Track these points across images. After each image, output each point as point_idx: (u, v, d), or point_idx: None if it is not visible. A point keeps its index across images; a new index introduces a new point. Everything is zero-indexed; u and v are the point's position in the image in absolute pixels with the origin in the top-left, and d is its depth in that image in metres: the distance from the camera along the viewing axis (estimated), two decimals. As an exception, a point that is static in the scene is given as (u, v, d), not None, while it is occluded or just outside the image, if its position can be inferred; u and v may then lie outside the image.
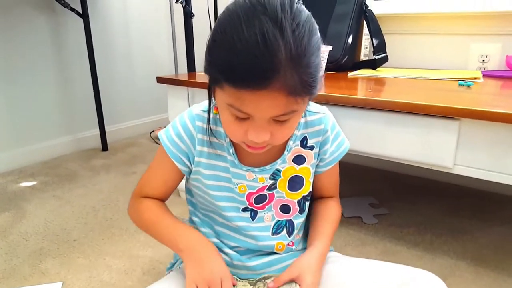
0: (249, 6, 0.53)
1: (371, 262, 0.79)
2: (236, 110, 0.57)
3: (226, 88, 0.56)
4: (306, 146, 0.76)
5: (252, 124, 0.58)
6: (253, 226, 0.78)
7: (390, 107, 0.96)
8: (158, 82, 1.44)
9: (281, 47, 0.51)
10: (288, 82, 0.52)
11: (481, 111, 0.84)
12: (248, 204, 0.77)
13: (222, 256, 0.79)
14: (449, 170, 0.95)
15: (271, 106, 0.55)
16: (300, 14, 0.54)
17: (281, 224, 0.80)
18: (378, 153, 1.04)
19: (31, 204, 1.56)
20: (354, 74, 1.42)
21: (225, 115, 0.61)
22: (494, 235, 1.31)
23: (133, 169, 1.95)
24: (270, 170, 0.75)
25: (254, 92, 0.53)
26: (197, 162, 0.75)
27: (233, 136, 0.64)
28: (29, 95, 1.98)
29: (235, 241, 0.80)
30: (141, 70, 2.52)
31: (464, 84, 1.16)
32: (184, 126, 0.74)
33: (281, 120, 0.58)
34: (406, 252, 1.22)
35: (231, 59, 0.52)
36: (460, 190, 1.66)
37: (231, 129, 0.62)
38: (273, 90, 0.52)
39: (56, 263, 1.18)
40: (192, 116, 0.74)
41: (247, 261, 0.79)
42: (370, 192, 1.64)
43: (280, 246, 0.80)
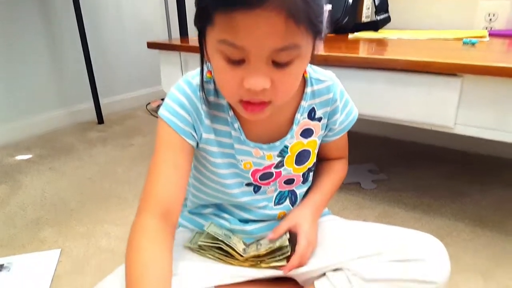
0: None
1: (368, 224, 0.78)
2: (229, 47, 0.50)
3: (217, 21, 0.50)
4: (314, 118, 0.72)
5: (248, 69, 0.52)
6: (255, 199, 0.77)
7: (391, 66, 0.93)
8: (149, 48, 1.39)
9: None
10: (287, 1, 0.46)
11: (484, 66, 0.81)
12: (253, 180, 0.74)
13: (220, 221, 0.78)
14: (450, 130, 0.94)
15: (268, 32, 0.48)
16: None
17: (283, 195, 0.78)
18: (378, 114, 1.02)
19: (27, 177, 1.55)
20: (355, 36, 1.38)
21: (217, 62, 0.54)
22: (494, 197, 1.30)
23: (130, 141, 1.93)
24: (280, 147, 0.71)
25: (249, 13, 0.46)
26: (205, 138, 0.68)
27: (228, 91, 0.57)
28: (22, 69, 1.94)
29: (235, 214, 0.79)
30: (134, 39, 2.46)
31: (468, 43, 1.13)
32: (187, 97, 0.65)
33: (282, 61, 0.52)
34: (404, 214, 1.22)
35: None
36: (461, 155, 1.65)
37: (225, 80, 0.56)
38: (270, 10, 0.46)
39: (54, 231, 1.17)
40: (192, 86, 0.66)
41: (244, 225, 0.78)
42: (370, 159, 1.63)
43: (283, 215, 0.79)
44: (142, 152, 1.78)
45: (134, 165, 1.63)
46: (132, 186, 1.45)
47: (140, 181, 1.48)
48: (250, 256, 0.71)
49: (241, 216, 0.78)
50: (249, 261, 0.72)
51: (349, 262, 0.68)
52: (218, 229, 0.76)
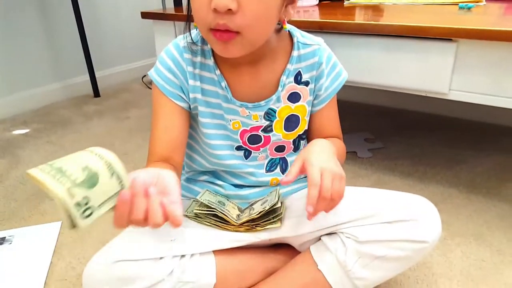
0: None
1: (361, 189, 0.79)
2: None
3: None
4: (301, 81, 0.72)
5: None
6: (246, 164, 0.77)
7: (386, 31, 0.92)
8: (143, 18, 1.37)
9: None
10: None
11: (479, 30, 0.80)
12: (242, 142, 0.75)
13: (215, 188, 0.80)
14: (444, 96, 0.94)
15: None
16: None
17: (274, 162, 0.79)
18: (374, 82, 1.02)
19: (25, 151, 1.55)
20: (351, 2, 1.36)
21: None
22: (489, 164, 1.32)
23: (126, 114, 1.92)
24: (265, 107, 0.72)
25: None
26: (192, 98, 0.71)
27: (199, 17, 0.59)
28: (16, 43, 1.91)
29: (229, 181, 0.80)
30: (128, 12, 2.42)
31: (464, 7, 1.11)
32: (173, 60, 0.69)
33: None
34: (399, 182, 1.24)
35: None
36: (457, 122, 1.65)
37: (198, 6, 0.57)
38: None
39: (54, 204, 1.18)
40: (179, 48, 0.69)
41: (239, 190, 0.79)
42: (366, 128, 1.63)
43: (275, 181, 0.80)
44: (139, 124, 1.78)
45: (131, 137, 1.63)
46: (130, 158, 1.45)
47: (137, 153, 1.49)
48: (244, 221, 0.73)
49: (234, 182, 0.80)
50: (244, 226, 0.73)
51: (343, 225, 0.70)
52: (212, 197, 0.77)
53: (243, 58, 0.66)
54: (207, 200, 0.75)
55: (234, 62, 0.69)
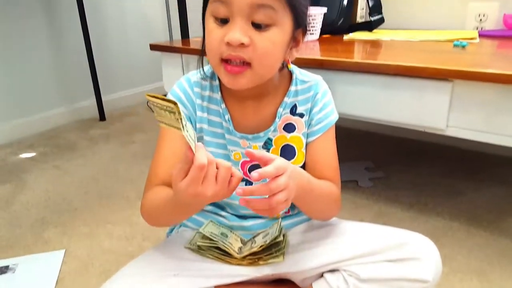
0: None
1: (363, 225, 0.80)
2: (217, 5, 0.60)
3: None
4: (296, 113, 0.76)
5: (231, 25, 0.60)
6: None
7: (384, 70, 0.96)
8: (152, 50, 1.42)
9: None
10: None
11: (473, 72, 0.83)
12: (243, 173, 0.77)
13: (219, 218, 0.81)
14: (442, 132, 0.96)
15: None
16: None
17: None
18: (373, 116, 1.04)
19: (31, 175, 1.58)
20: (350, 37, 1.40)
21: (208, 26, 0.63)
22: (488, 196, 1.33)
23: (131, 138, 1.96)
24: (264, 138, 0.75)
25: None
26: (199, 128, 0.76)
27: (212, 49, 0.64)
28: (24, 66, 1.97)
29: (232, 211, 0.81)
30: (135, 38, 2.48)
31: (459, 45, 1.15)
32: (184, 92, 0.75)
33: (259, 21, 0.60)
34: (400, 214, 1.25)
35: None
36: (456, 151, 1.67)
37: (211, 39, 0.63)
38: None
39: (58, 231, 1.21)
40: (190, 83, 0.75)
41: (243, 221, 0.81)
42: (367, 156, 1.65)
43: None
44: (143, 149, 1.81)
45: (135, 163, 1.66)
46: (134, 185, 1.48)
47: (141, 180, 1.51)
48: (246, 254, 0.74)
49: (238, 213, 0.81)
50: (247, 259, 0.74)
51: (345, 263, 0.71)
52: (215, 228, 0.78)
53: (249, 93, 0.71)
54: (209, 232, 0.76)
55: (240, 97, 0.73)
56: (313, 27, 1.32)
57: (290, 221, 0.82)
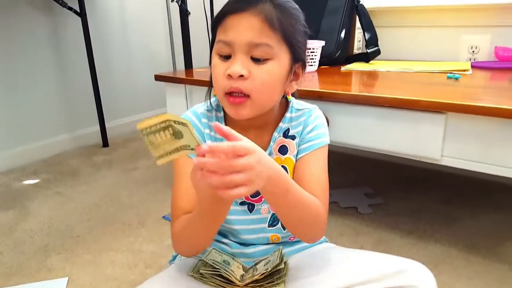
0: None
1: (361, 252, 0.82)
2: (221, 44, 0.66)
3: (218, 31, 0.68)
4: (288, 135, 0.79)
5: (232, 60, 0.66)
6: (249, 219, 0.82)
7: (380, 103, 1.00)
8: (156, 80, 1.47)
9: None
10: (266, 11, 0.64)
11: (465, 105, 0.87)
12: (244, 197, 0.80)
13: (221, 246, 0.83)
14: (437, 162, 0.99)
15: (247, 28, 0.64)
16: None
17: (276, 217, 0.83)
18: (369, 146, 1.08)
19: (34, 202, 1.60)
20: (347, 68, 1.45)
21: (214, 62, 0.69)
22: (485, 222, 1.35)
23: (134, 164, 1.99)
24: None
25: (235, 16, 0.65)
26: None
27: (217, 83, 0.69)
28: (29, 93, 2.01)
29: (234, 237, 0.84)
30: (140, 66, 2.55)
31: (452, 77, 1.19)
32: (193, 124, 0.78)
33: (258, 56, 0.66)
34: (400, 240, 1.26)
35: (225, 5, 0.67)
36: (453, 178, 1.70)
37: (216, 74, 0.69)
38: (251, 14, 0.64)
39: (61, 259, 1.22)
40: (197, 114, 0.80)
41: (245, 249, 0.83)
42: (366, 182, 1.68)
43: (275, 238, 0.84)
44: (146, 176, 1.83)
45: (137, 190, 1.68)
46: (136, 211, 1.50)
47: (143, 206, 1.54)
48: (248, 282, 0.75)
49: (239, 239, 0.83)
50: (249, 287, 0.76)
51: (345, 291, 0.73)
52: (218, 256, 0.80)
53: (251, 124, 0.75)
54: (212, 260, 0.78)
55: (243, 127, 0.77)
56: (312, 59, 1.38)
57: (291, 248, 0.84)
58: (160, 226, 1.39)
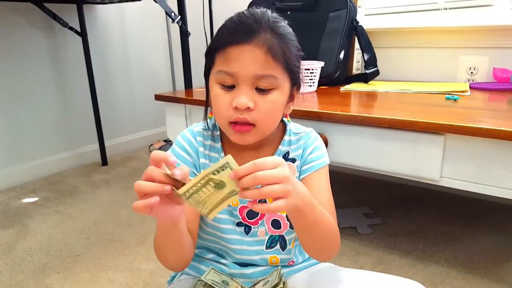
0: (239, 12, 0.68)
1: (361, 272, 0.82)
2: (223, 75, 0.66)
3: (217, 58, 0.67)
4: (288, 158, 0.80)
5: (237, 92, 0.66)
6: (246, 240, 0.82)
7: (379, 124, 1.01)
8: (156, 100, 1.48)
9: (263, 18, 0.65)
10: (268, 40, 0.64)
11: (464, 127, 0.88)
12: (241, 218, 0.81)
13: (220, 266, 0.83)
14: (436, 183, 1.00)
15: (252, 60, 0.64)
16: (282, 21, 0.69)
17: (274, 239, 0.83)
18: (368, 166, 1.09)
19: (34, 220, 1.60)
20: (346, 89, 1.47)
21: (215, 91, 0.68)
22: (484, 242, 1.35)
23: (133, 183, 1.94)
24: None
25: (238, 47, 0.63)
26: None
27: (221, 113, 0.69)
28: (30, 112, 2.03)
29: (231, 257, 0.84)
30: (139, 86, 2.57)
31: (451, 98, 1.21)
32: (188, 141, 0.80)
33: (263, 87, 0.66)
34: (399, 261, 1.26)
35: (223, 30, 0.67)
36: (452, 198, 1.70)
37: (219, 104, 0.68)
38: (254, 45, 0.63)
39: (60, 277, 1.21)
40: (193, 133, 0.81)
41: (244, 269, 0.83)
42: (365, 202, 1.68)
43: (274, 260, 0.84)
44: (145, 195, 1.83)
45: (137, 209, 1.68)
46: (135, 230, 1.49)
47: (142, 225, 1.53)
48: None
49: (238, 259, 0.83)
50: None
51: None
52: (216, 276, 0.80)
53: (249, 145, 0.75)
54: (211, 280, 0.78)
55: (240, 148, 0.77)
56: (311, 79, 1.40)
57: (290, 269, 0.84)
58: (159, 245, 1.38)
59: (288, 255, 0.84)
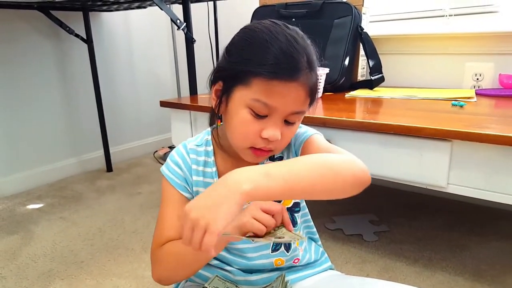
0: (270, 23, 0.65)
1: (368, 280, 0.81)
2: (261, 105, 0.62)
3: (255, 82, 0.62)
4: (274, 158, 0.80)
5: (269, 122, 0.64)
6: (251, 247, 0.81)
7: (385, 130, 1.00)
8: (162, 106, 1.48)
9: (305, 51, 0.63)
10: (309, 80, 0.63)
11: (470, 133, 0.88)
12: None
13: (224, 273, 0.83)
14: (443, 189, 0.99)
15: (295, 99, 0.62)
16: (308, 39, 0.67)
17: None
18: (374, 173, 1.08)
19: (38, 226, 1.60)
20: (351, 95, 1.46)
21: (242, 115, 0.65)
22: (491, 250, 1.33)
23: (137, 189, 1.99)
24: None
25: (286, 83, 0.61)
26: (195, 191, 0.80)
27: (244, 138, 0.67)
28: (35, 119, 2.04)
29: (238, 264, 0.83)
30: (145, 92, 2.59)
31: (457, 105, 1.20)
32: (181, 157, 0.81)
33: (291, 121, 0.65)
34: (405, 268, 1.25)
35: (267, 52, 0.61)
36: (458, 205, 1.69)
37: (246, 129, 0.65)
38: (300, 84, 0.61)
39: (64, 284, 1.21)
40: (186, 149, 0.81)
41: (248, 276, 0.82)
42: (371, 209, 1.67)
43: (279, 262, 0.83)
44: (149, 200, 1.83)
45: (141, 214, 1.68)
46: (139, 237, 1.49)
47: (146, 231, 1.53)
48: None
49: (243, 264, 0.83)
50: None
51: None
52: (221, 283, 0.79)
53: None
54: (215, 287, 0.78)
55: (234, 161, 0.78)
56: (316, 86, 1.39)
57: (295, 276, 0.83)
58: (164, 252, 1.38)
59: (294, 253, 0.84)
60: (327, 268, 0.88)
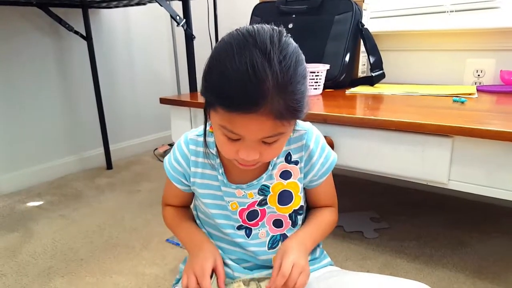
0: (241, 38, 0.59)
1: (368, 275, 0.81)
2: (228, 132, 0.62)
3: (219, 111, 0.61)
4: (291, 161, 0.80)
5: (243, 145, 0.64)
6: (249, 243, 0.82)
7: (386, 126, 1.00)
8: (161, 103, 1.48)
9: (268, 76, 0.56)
10: (275, 108, 0.57)
11: (472, 129, 0.87)
12: (242, 221, 0.81)
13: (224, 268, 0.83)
14: (444, 186, 0.98)
15: (259, 129, 0.60)
16: (287, 47, 0.60)
17: (276, 239, 0.83)
18: (375, 169, 1.07)
19: (38, 224, 1.60)
20: (352, 91, 1.46)
21: (219, 135, 0.66)
22: (493, 247, 1.33)
23: (137, 187, 1.98)
24: (257, 185, 0.79)
25: (244, 116, 0.58)
26: (192, 181, 0.82)
27: (226, 155, 0.69)
28: (35, 116, 2.03)
29: (236, 254, 0.84)
30: (144, 90, 2.58)
31: (458, 101, 1.19)
32: (180, 151, 0.83)
33: (269, 141, 0.64)
34: (406, 265, 1.25)
35: (224, 85, 0.58)
36: (460, 202, 1.68)
37: (224, 148, 0.68)
38: (261, 115, 0.57)
39: (64, 281, 1.21)
40: (186, 140, 0.82)
41: (248, 272, 0.82)
42: (371, 206, 1.67)
43: None
44: (149, 198, 1.83)
45: (141, 212, 1.68)
46: (139, 234, 1.49)
47: (146, 229, 1.52)
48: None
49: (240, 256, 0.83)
50: None
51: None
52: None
53: None
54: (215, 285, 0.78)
55: None
56: (316, 83, 1.39)
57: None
58: (164, 249, 1.38)
59: None
60: (327, 264, 0.88)
